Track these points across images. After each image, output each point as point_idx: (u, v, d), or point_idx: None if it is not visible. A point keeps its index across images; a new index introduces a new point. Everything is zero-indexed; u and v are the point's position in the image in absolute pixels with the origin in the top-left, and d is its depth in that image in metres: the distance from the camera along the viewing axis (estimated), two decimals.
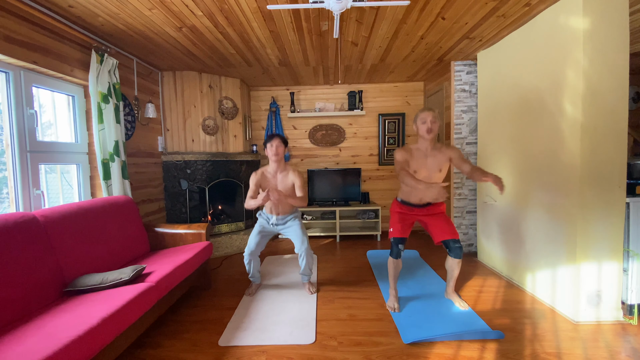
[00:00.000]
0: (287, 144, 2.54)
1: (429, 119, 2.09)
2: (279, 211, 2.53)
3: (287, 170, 2.52)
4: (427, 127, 2.09)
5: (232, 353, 1.80)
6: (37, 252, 1.66)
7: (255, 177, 2.49)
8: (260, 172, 2.51)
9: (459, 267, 2.23)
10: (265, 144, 2.47)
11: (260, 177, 2.49)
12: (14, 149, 1.97)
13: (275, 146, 2.42)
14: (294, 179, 2.48)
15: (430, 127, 2.09)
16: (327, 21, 2.42)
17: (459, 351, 1.76)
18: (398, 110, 4.51)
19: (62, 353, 1.15)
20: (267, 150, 2.45)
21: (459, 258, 2.17)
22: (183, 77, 3.61)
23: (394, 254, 2.24)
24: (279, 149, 2.43)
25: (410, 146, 2.22)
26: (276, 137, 2.45)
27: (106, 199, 2.35)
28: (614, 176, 1.99)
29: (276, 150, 2.42)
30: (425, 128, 2.10)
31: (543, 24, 2.27)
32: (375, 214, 4.20)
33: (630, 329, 1.95)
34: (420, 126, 2.13)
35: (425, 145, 2.16)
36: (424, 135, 2.13)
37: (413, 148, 2.20)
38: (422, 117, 2.13)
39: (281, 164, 2.50)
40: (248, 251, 2.50)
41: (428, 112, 2.11)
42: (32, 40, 2.01)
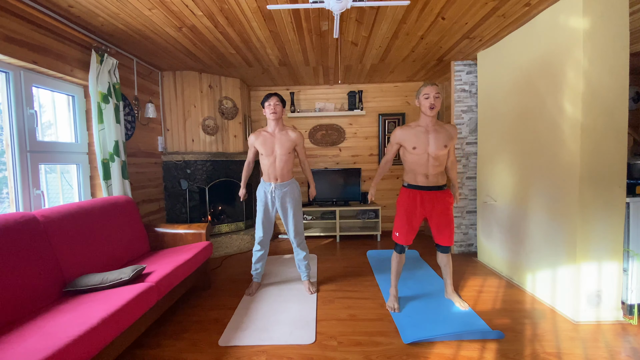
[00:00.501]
0: (285, 103, 2.49)
1: (432, 93, 2.04)
2: (278, 176, 2.47)
3: (286, 129, 2.46)
4: (430, 102, 2.04)
5: (232, 353, 1.80)
6: (37, 252, 1.66)
7: (252, 137, 2.45)
8: (257, 132, 2.46)
9: (449, 261, 2.30)
10: (263, 103, 2.42)
11: (257, 137, 2.44)
12: (14, 149, 1.97)
13: (274, 104, 2.37)
14: (297, 140, 2.44)
15: (433, 103, 2.04)
16: (327, 21, 2.42)
17: (459, 351, 1.76)
18: (398, 110, 4.51)
19: (62, 353, 1.15)
20: (265, 109, 2.42)
21: (446, 253, 2.28)
22: (183, 77, 3.61)
23: (398, 250, 2.29)
24: (277, 108, 2.38)
25: (410, 124, 2.20)
26: (274, 96, 2.40)
27: (106, 199, 2.35)
28: (614, 176, 1.99)
29: (274, 108, 2.37)
30: (428, 103, 2.05)
31: (543, 24, 2.27)
32: (375, 214, 4.20)
33: (630, 329, 1.95)
34: (423, 101, 2.08)
35: (427, 121, 2.12)
36: (426, 111, 2.08)
37: (413, 125, 2.17)
38: (425, 91, 2.07)
39: (279, 122, 2.44)
40: (258, 240, 2.51)
41: (431, 86, 2.05)
42: (32, 40, 2.01)
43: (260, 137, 2.45)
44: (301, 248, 2.57)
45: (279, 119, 2.43)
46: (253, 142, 2.47)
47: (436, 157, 2.11)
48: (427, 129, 2.12)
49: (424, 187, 2.17)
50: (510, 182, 2.70)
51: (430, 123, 2.13)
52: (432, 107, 2.05)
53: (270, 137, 2.43)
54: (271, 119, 2.41)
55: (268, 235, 2.56)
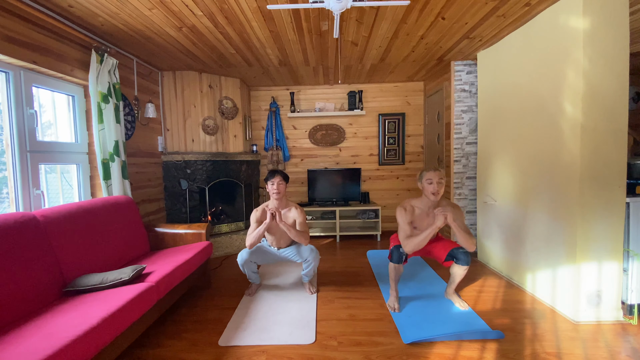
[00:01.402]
0: (289, 180, 2.49)
1: (435, 179, 2.06)
2: (281, 245, 2.51)
3: (289, 207, 2.48)
4: (433, 188, 2.07)
5: (232, 353, 1.80)
6: (37, 252, 1.66)
7: (256, 214, 2.43)
8: (261, 209, 2.45)
9: (464, 273, 2.18)
10: (267, 180, 2.43)
11: (260, 214, 2.43)
12: (14, 149, 1.97)
13: (277, 184, 2.39)
14: (296, 215, 2.44)
15: (436, 189, 2.06)
16: (327, 21, 2.42)
17: (459, 351, 1.76)
18: (398, 110, 4.51)
19: (62, 353, 1.15)
20: (268, 186, 2.42)
21: (467, 265, 2.12)
22: (183, 77, 3.61)
23: (395, 259, 2.18)
24: (280, 187, 2.39)
25: (412, 203, 2.20)
26: (277, 175, 2.40)
27: (106, 199, 2.35)
28: (614, 176, 1.99)
29: (277, 187, 2.38)
30: (431, 189, 2.08)
31: (543, 24, 2.27)
32: (375, 213, 4.20)
33: (630, 329, 1.95)
34: (426, 186, 2.10)
35: (429, 205, 2.15)
36: (429, 196, 2.10)
37: (415, 207, 2.19)
38: (428, 176, 2.09)
39: (283, 201, 2.46)
40: (241, 261, 2.40)
41: (435, 172, 2.07)
42: (32, 40, 2.01)
43: (263, 215, 2.43)
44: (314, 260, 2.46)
45: (281, 198, 2.44)
46: (256, 219, 2.42)
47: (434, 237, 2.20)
48: (428, 213, 2.16)
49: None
50: (510, 182, 2.70)
51: (433, 205, 2.15)
52: (435, 194, 2.08)
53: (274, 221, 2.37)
54: (274, 197, 2.42)
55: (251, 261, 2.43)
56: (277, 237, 2.50)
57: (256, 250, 2.47)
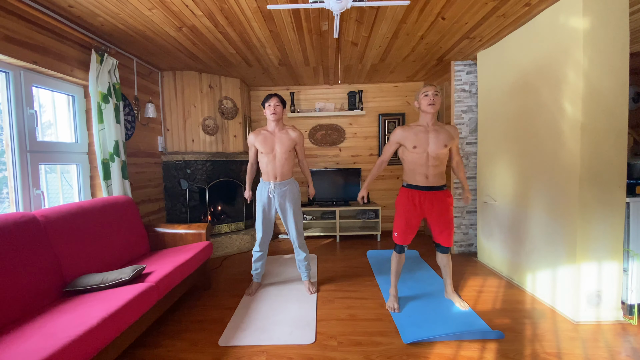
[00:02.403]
0: (286, 104, 2.52)
1: (430, 92, 2.08)
2: (278, 175, 2.47)
3: (286, 129, 2.49)
4: (429, 99, 2.07)
5: (232, 353, 1.80)
6: (37, 252, 1.66)
7: (252, 136, 2.47)
8: (257, 131, 2.48)
9: (449, 261, 2.31)
10: (263, 104, 2.45)
11: (256, 136, 2.46)
12: (14, 149, 1.97)
13: (274, 105, 2.40)
14: (297, 139, 2.47)
15: (432, 99, 2.07)
16: (327, 21, 2.42)
17: (459, 351, 1.77)
18: (398, 110, 4.51)
19: (62, 353, 1.15)
20: (265, 109, 2.44)
21: (446, 253, 2.29)
22: (183, 77, 3.61)
23: (398, 250, 2.29)
24: (277, 108, 2.40)
25: (410, 124, 2.21)
26: (274, 97, 2.42)
27: (106, 199, 2.35)
28: (614, 176, 1.99)
29: (274, 109, 2.39)
30: (427, 100, 2.08)
31: (543, 24, 2.27)
32: (375, 214, 4.19)
33: (630, 329, 1.95)
34: (422, 99, 2.11)
35: (427, 120, 2.14)
36: (426, 109, 2.10)
37: (413, 125, 2.19)
38: (424, 90, 2.11)
39: (280, 123, 2.47)
40: (259, 241, 2.52)
41: (430, 86, 2.10)
42: (32, 40, 2.01)
43: (260, 135, 2.45)
44: (302, 249, 2.57)
45: (279, 119, 2.45)
46: (253, 141, 2.47)
47: (436, 157, 2.11)
48: (427, 129, 2.13)
49: (423, 187, 2.16)
50: (510, 182, 2.70)
51: (431, 122, 2.14)
52: (431, 104, 2.07)
53: (270, 136, 2.45)
54: (271, 119, 2.43)
55: (268, 236, 2.56)
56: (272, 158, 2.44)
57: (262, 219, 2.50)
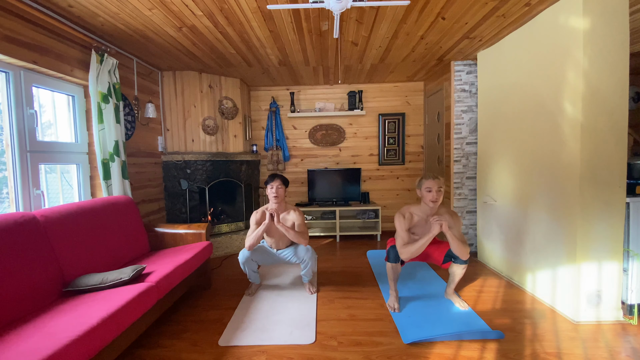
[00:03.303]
0: (288, 184, 2.52)
1: (434, 188, 2.07)
2: (280, 246, 2.53)
3: (288, 210, 2.50)
4: (432, 196, 2.08)
5: (232, 353, 1.80)
6: (37, 252, 1.66)
7: (256, 216, 2.47)
8: (260, 211, 2.49)
9: (463, 272, 2.20)
10: (266, 184, 2.45)
11: (260, 216, 2.46)
12: (14, 149, 1.97)
13: (276, 188, 2.41)
14: (295, 217, 2.46)
15: (435, 197, 2.08)
16: (327, 21, 2.42)
17: (459, 351, 1.76)
18: (398, 110, 4.51)
19: (62, 353, 1.15)
20: (267, 190, 2.44)
21: (465, 264, 2.15)
22: (183, 77, 3.61)
23: (392, 258, 2.21)
24: (279, 191, 2.42)
25: (410, 210, 2.20)
26: (277, 179, 2.42)
27: (106, 199, 2.35)
28: (614, 176, 1.99)
29: (276, 191, 2.41)
30: (430, 197, 2.09)
31: (543, 24, 2.27)
32: (375, 214, 4.19)
33: (630, 329, 1.95)
34: (425, 194, 2.11)
35: (427, 212, 2.16)
36: (428, 203, 2.11)
37: (414, 214, 2.19)
38: (427, 185, 2.10)
39: (282, 204, 2.48)
40: (242, 259, 2.42)
41: (434, 181, 2.08)
42: (32, 40, 2.01)
43: (262, 217, 2.45)
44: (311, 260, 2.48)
45: (280, 202, 2.46)
46: (255, 221, 2.45)
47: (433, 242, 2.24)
48: (427, 220, 2.17)
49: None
50: (510, 182, 2.70)
51: (431, 212, 2.16)
52: (434, 201, 2.09)
53: (272, 223, 2.40)
54: (273, 201, 2.44)
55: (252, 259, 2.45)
56: (276, 238, 2.52)
57: (257, 249, 2.49)
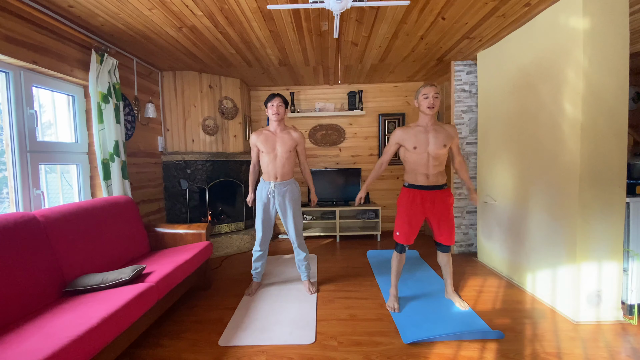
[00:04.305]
0: (288, 104, 2.53)
1: (431, 93, 2.07)
2: (278, 175, 2.48)
3: (288, 129, 2.50)
4: (429, 102, 2.07)
5: (232, 353, 1.80)
6: (37, 252, 1.66)
7: (254, 136, 2.48)
8: (259, 131, 2.49)
9: (449, 261, 2.31)
10: (266, 104, 2.46)
11: (258, 136, 2.47)
12: (14, 149, 1.97)
13: (276, 106, 2.41)
14: (299, 139, 2.48)
15: (432, 102, 2.07)
16: (327, 21, 2.42)
17: (459, 351, 1.77)
18: (398, 110, 4.51)
19: (62, 353, 1.15)
20: (268, 109, 2.45)
21: (446, 252, 2.29)
22: (183, 77, 3.61)
23: (399, 249, 2.29)
24: (280, 109, 2.42)
25: (409, 124, 2.21)
26: (277, 97, 2.43)
27: (106, 199, 2.35)
28: (614, 176, 1.99)
29: (277, 109, 2.41)
30: (427, 103, 2.08)
31: (543, 24, 2.27)
32: (375, 214, 4.19)
33: (630, 329, 1.95)
34: (422, 101, 2.11)
35: (426, 120, 2.15)
36: (425, 110, 2.10)
37: (412, 125, 2.19)
38: (424, 91, 2.10)
39: (282, 123, 2.49)
40: (259, 241, 2.53)
41: (430, 87, 2.09)
42: (32, 40, 2.01)
43: (261, 135, 2.47)
44: (301, 249, 2.57)
45: (281, 119, 2.46)
46: (255, 141, 2.48)
47: (436, 157, 2.12)
48: (426, 129, 2.14)
49: (424, 186, 2.17)
50: (510, 182, 2.70)
51: (430, 122, 2.14)
52: (430, 107, 2.07)
53: (272, 136, 2.46)
54: (273, 119, 2.44)
55: (268, 235, 2.56)
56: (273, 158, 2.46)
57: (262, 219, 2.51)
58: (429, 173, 2.15)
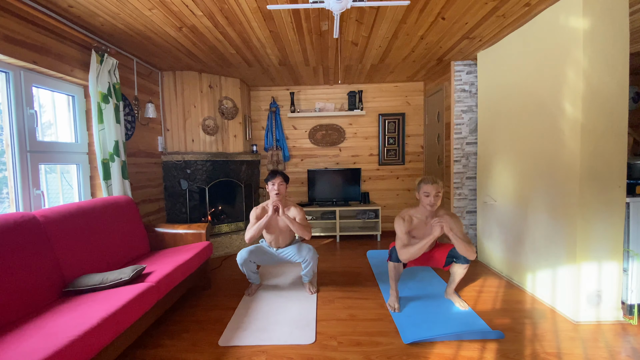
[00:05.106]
0: (289, 180, 2.52)
1: (432, 193, 2.08)
2: (279, 244, 2.53)
3: (289, 206, 2.50)
4: (429, 201, 2.09)
5: (232, 353, 1.80)
6: (37, 252, 1.66)
7: (256, 211, 2.47)
8: (260, 207, 2.50)
9: (464, 272, 2.21)
10: (267, 181, 2.45)
11: (260, 212, 2.47)
12: (14, 149, 1.97)
13: (277, 184, 2.41)
14: (296, 213, 2.46)
15: (432, 202, 2.08)
16: (327, 21, 2.42)
17: (459, 351, 1.76)
18: (398, 110, 4.50)
19: (62, 353, 1.15)
20: (268, 187, 2.44)
21: (467, 263, 2.15)
22: (183, 77, 3.61)
23: (394, 258, 2.22)
24: (281, 188, 2.42)
25: (410, 213, 2.21)
26: (278, 175, 2.43)
27: (106, 199, 2.35)
28: (614, 176, 1.99)
29: (278, 188, 2.41)
30: (427, 201, 2.10)
31: (543, 24, 2.27)
32: (375, 214, 4.19)
33: (630, 329, 1.95)
34: (423, 198, 2.12)
35: (427, 214, 2.17)
36: (425, 207, 2.13)
37: (413, 216, 2.20)
38: (425, 189, 2.11)
39: (282, 201, 2.47)
40: (240, 260, 2.41)
41: (432, 185, 2.08)
42: (32, 40, 2.01)
43: (262, 213, 2.47)
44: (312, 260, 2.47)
45: (281, 199, 2.46)
46: (255, 217, 2.45)
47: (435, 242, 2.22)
48: (426, 222, 2.17)
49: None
50: (510, 182, 2.70)
51: (431, 215, 2.16)
52: (431, 205, 2.10)
53: (274, 217, 2.42)
54: (275, 199, 2.43)
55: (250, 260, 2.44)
56: (276, 235, 2.52)
57: (255, 250, 2.48)
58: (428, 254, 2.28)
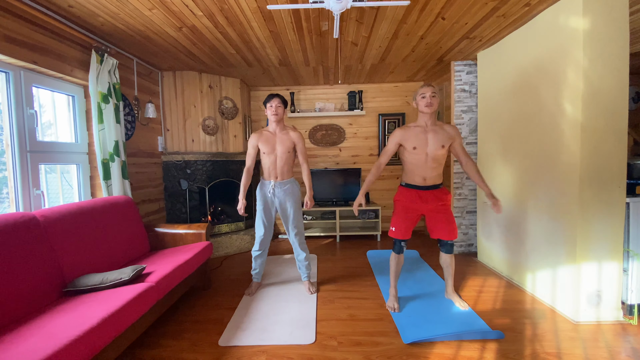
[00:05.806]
0: (287, 104, 2.53)
1: (428, 93, 2.08)
2: (278, 174, 2.50)
3: (287, 129, 2.50)
4: (426, 101, 2.07)
5: (232, 353, 1.80)
6: (37, 252, 1.66)
7: (254, 137, 2.48)
8: (259, 132, 2.50)
9: (453, 262, 2.28)
10: (265, 104, 2.46)
11: (259, 137, 2.47)
12: (14, 149, 1.97)
13: (275, 106, 2.41)
14: (296, 139, 2.47)
15: (430, 102, 2.07)
16: (327, 21, 2.42)
17: (459, 351, 1.77)
18: (398, 110, 4.51)
19: (62, 353, 1.15)
20: (267, 110, 2.45)
21: (450, 253, 2.24)
22: (183, 77, 3.61)
23: (396, 250, 2.26)
24: (279, 109, 2.42)
25: (409, 124, 2.21)
26: (276, 97, 2.43)
27: (106, 199, 2.35)
28: (614, 176, 1.99)
29: (276, 110, 2.41)
30: (424, 102, 2.08)
31: (543, 24, 2.27)
32: (375, 214, 4.19)
33: (630, 329, 1.95)
34: (420, 101, 2.11)
35: (425, 120, 2.14)
36: (423, 109, 2.11)
37: (412, 125, 2.19)
38: (421, 91, 2.11)
39: (281, 123, 2.49)
40: (259, 240, 2.52)
41: (428, 87, 2.10)
42: (32, 40, 2.01)
43: (262, 136, 2.47)
44: (302, 248, 2.57)
45: (280, 120, 2.47)
46: (255, 141, 2.48)
47: (434, 158, 2.12)
48: (425, 129, 2.14)
49: (421, 187, 2.19)
50: (510, 182, 2.70)
51: (429, 122, 2.14)
52: (428, 105, 2.08)
53: (271, 136, 2.47)
54: (272, 120, 2.45)
55: (268, 235, 2.56)
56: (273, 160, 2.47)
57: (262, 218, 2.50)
58: (426, 175, 2.16)
